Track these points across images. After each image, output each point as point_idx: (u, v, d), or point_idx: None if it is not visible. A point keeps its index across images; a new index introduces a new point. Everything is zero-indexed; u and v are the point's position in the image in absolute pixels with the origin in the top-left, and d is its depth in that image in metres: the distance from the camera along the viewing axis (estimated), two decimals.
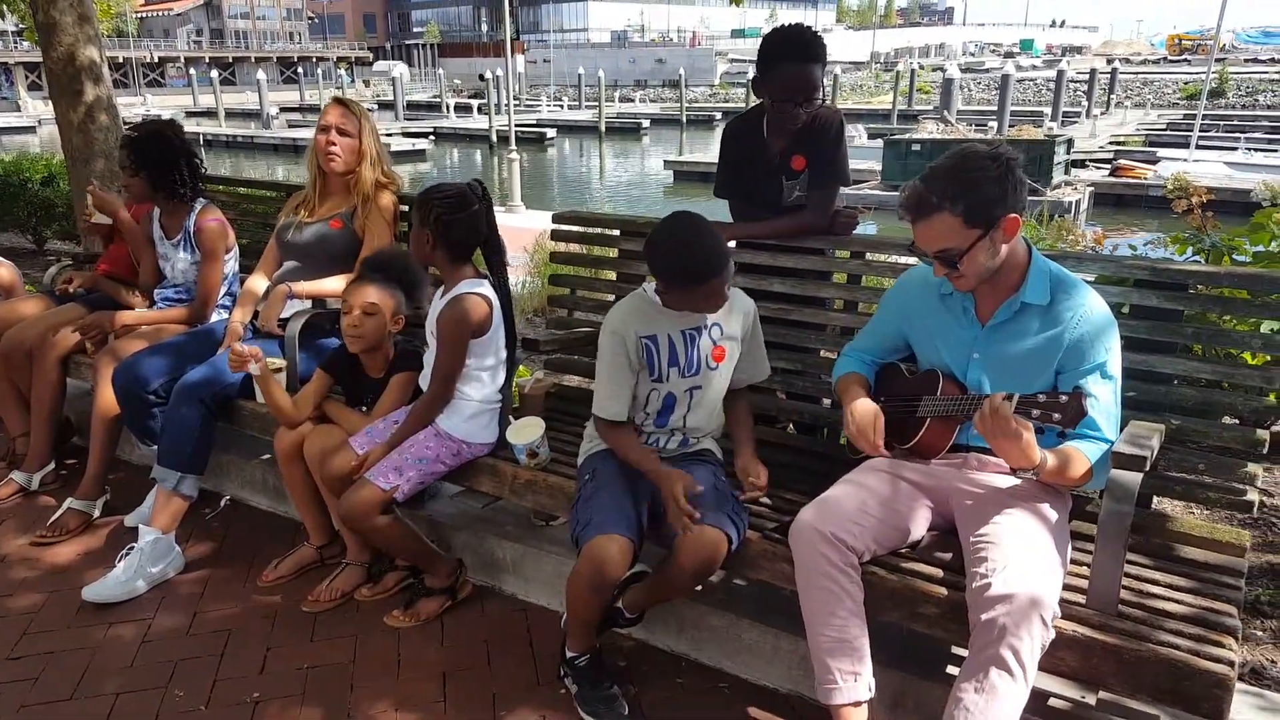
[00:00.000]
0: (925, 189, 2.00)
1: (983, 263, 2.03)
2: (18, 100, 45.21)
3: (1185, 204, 4.72)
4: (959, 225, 1.98)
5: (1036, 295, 2.08)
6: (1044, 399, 1.86)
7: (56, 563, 3.12)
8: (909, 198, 2.04)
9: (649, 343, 2.34)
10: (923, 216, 2.02)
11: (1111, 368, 2.05)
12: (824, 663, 1.99)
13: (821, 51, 2.77)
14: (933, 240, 2.03)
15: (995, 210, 1.98)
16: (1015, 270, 2.10)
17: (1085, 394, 1.85)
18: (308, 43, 74.98)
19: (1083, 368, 2.04)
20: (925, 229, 2.03)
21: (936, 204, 1.99)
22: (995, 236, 2.01)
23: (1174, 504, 2.94)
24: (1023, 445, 1.89)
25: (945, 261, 2.04)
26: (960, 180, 1.97)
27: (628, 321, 2.33)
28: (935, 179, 2.00)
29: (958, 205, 1.97)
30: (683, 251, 2.20)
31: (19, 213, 7.64)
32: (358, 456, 2.65)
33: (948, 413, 2.12)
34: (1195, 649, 1.80)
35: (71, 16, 5.24)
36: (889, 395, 2.31)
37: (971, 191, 1.96)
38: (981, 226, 1.98)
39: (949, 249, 2.01)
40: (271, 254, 3.48)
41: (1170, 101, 41.67)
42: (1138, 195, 18.60)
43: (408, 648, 2.64)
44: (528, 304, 5.88)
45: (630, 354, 2.33)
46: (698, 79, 57.19)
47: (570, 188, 27.96)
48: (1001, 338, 2.12)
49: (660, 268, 2.26)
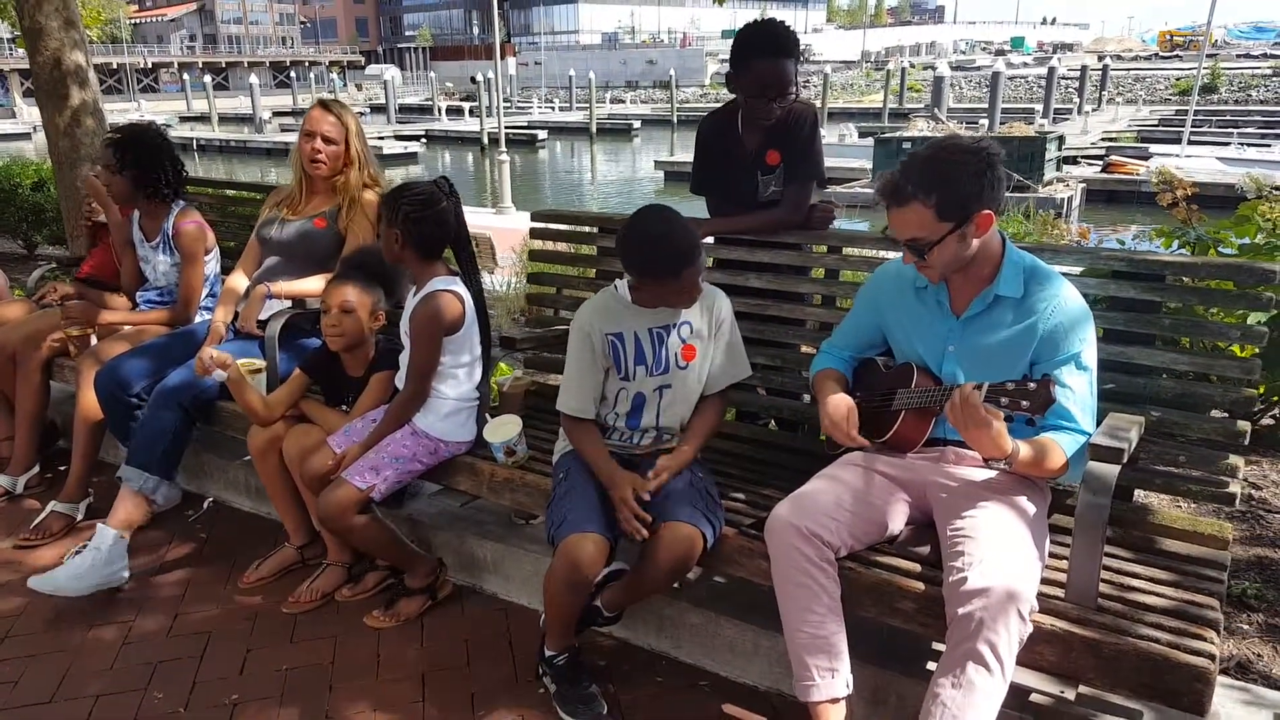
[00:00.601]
0: (901, 177, 1.99)
1: (951, 256, 2.02)
2: (13, 107, 45.09)
3: (1170, 197, 4.72)
4: (931, 217, 1.97)
5: (1010, 288, 2.07)
6: (1012, 387, 1.86)
7: (39, 565, 3.09)
8: (885, 184, 2.03)
9: (615, 340, 2.33)
10: (896, 204, 2.01)
11: (1086, 359, 2.04)
12: (801, 659, 1.98)
13: (794, 46, 2.76)
14: (904, 228, 2.02)
15: (970, 205, 1.97)
16: (989, 262, 2.09)
17: (1054, 381, 1.85)
18: (300, 47, 74.86)
19: (1056, 358, 2.03)
20: (898, 216, 2.02)
21: (911, 193, 1.98)
22: (967, 231, 2.00)
23: (1159, 497, 2.94)
24: (993, 434, 1.88)
25: (914, 251, 2.03)
26: (937, 172, 1.96)
27: (594, 319, 2.33)
28: (912, 168, 1.99)
29: (931, 197, 1.96)
30: (653, 244, 2.20)
31: (9, 218, 7.62)
32: (335, 455, 2.63)
33: (921, 404, 2.11)
34: (1175, 642, 1.78)
35: (57, 21, 5.22)
36: (865, 390, 2.30)
37: (947, 184, 1.95)
38: (954, 220, 1.98)
39: (919, 239, 2.00)
40: (253, 251, 3.46)
41: (1162, 97, 41.73)
42: (1130, 191, 18.60)
43: (387, 648, 2.63)
44: (515, 304, 5.86)
45: (596, 351, 2.32)
46: (688, 79, 57.18)
47: (562, 189, 27.96)
48: (976, 330, 2.11)
49: (631, 262, 2.26)
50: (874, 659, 2.20)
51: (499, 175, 16.39)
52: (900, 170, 2.01)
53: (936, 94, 29.29)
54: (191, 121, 45.59)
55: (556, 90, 57.15)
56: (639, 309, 2.34)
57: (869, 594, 2.02)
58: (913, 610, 1.97)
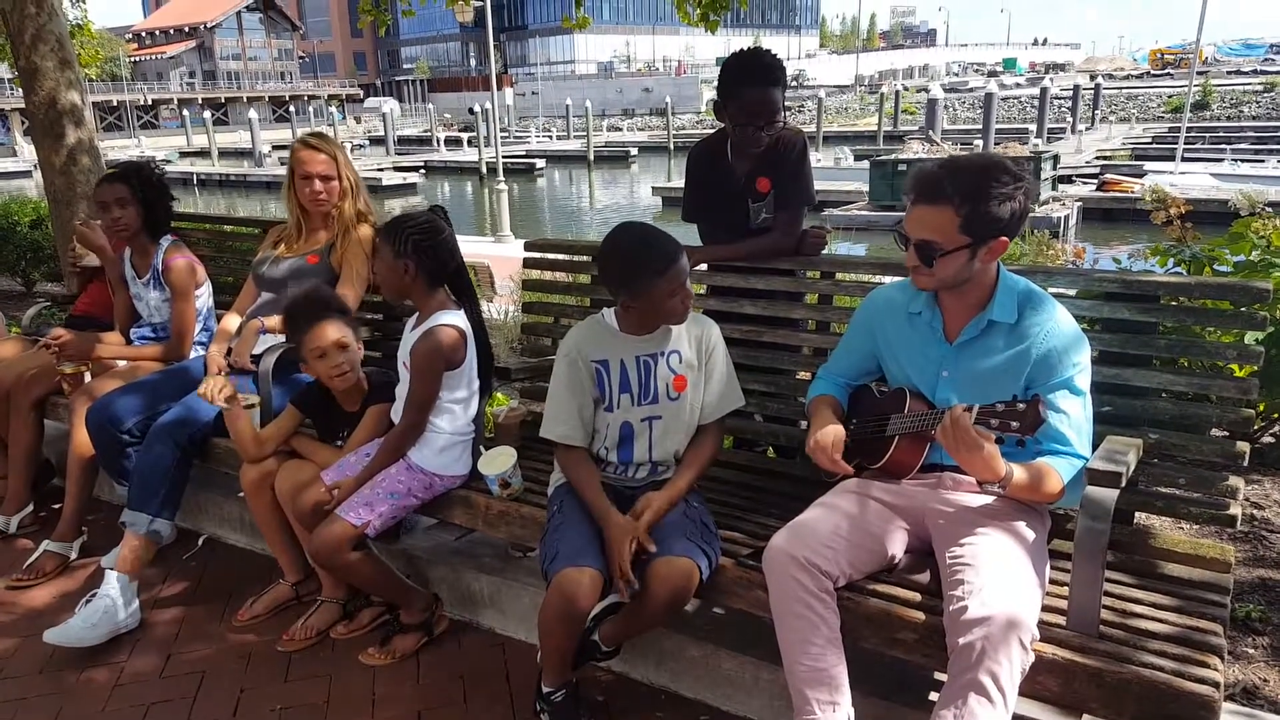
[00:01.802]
0: (942, 175, 1.97)
1: (955, 272, 2.01)
2: (14, 145, 45.40)
3: (1165, 215, 4.72)
4: (955, 225, 1.96)
5: (1004, 313, 2.06)
6: (1002, 408, 1.84)
7: (32, 606, 3.07)
8: (923, 176, 2.00)
9: (600, 368, 2.33)
10: (926, 200, 1.99)
11: (1080, 382, 2.02)
12: (801, 693, 1.95)
13: (781, 74, 2.77)
14: (923, 228, 1.99)
15: (993, 229, 1.96)
16: (983, 287, 2.08)
17: (1044, 402, 1.83)
18: (299, 81, 75.43)
19: (1051, 382, 2.01)
20: (923, 213, 1.99)
21: (947, 195, 1.95)
22: (980, 252, 1.99)
23: (1160, 520, 2.90)
24: (985, 456, 1.86)
25: (922, 254, 2.00)
26: (980, 186, 1.94)
27: (581, 345, 2.33)
28: (956, 172, 1.96)
29: (965, 206, 1.94)
30: (631, 250, 2.22)
31: (8, 255, 7.64)
32: (328, 489, 2.61)
33: (915, 429, 2.09)
34: (1179, 670, 1.75)
35: (53, 61, 5.25)
36: (860, 416, 2.28)
37: (984, 201, 1.93)
38: (974, 237, 1.97)
39: (934, 243, 1.98)
40: (249, 291, 3.47)
41: (1155, 115, 42.05)
42: (1125, 209, 18.68)
43: (383, 685, 2.59)
44: (512, 332, 5.86)
45: (582, 376, 2.31)
46: (684, 106, 57.66)
47: (561, 217, 28.09)
48: (969, 355, 2.10)
49: (613, 274, 2.26)
50: (876, 690, 2.17)
51: (497, 204, 16.50)
52: (942, 167, 1.99)
53: (930, 116, 29.49)
54: (191, 156, 45.91)
55: (554, 119, 57.56)
56: (626, 337, 2.33)
57: (869, 624, 1.99)
58: (914, 641, 1.94)
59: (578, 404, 2.33)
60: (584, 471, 2.33)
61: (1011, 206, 1.95)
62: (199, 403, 3.12)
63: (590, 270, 3.25)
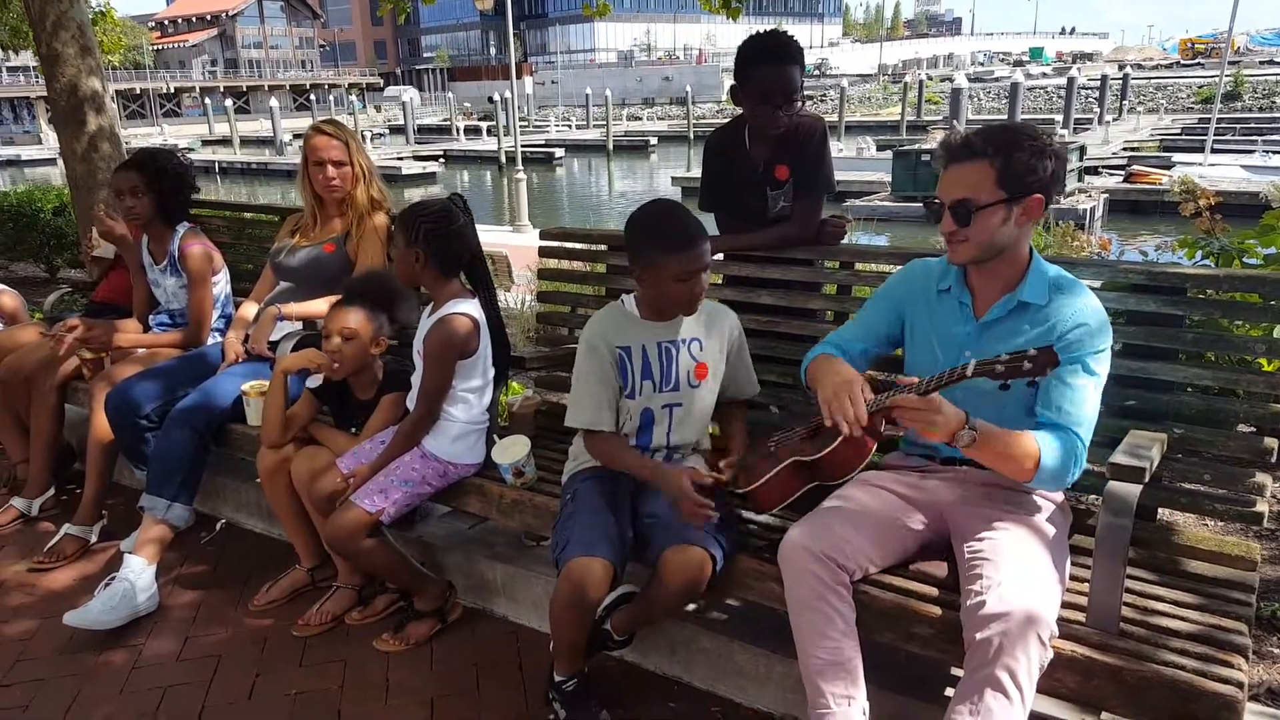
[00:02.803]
0: (974, 135, 1.98)
1: (992, 233, 1.97)
2: (39, 133, 45.89)
3: (1193, 207, 4.64)
4: (991, 179, 1.94)
5: (1035, 294, 2.03)
6: (1007, 356, 1.77)
7: (52, 588, 3.11)
8: (952, 139, 2.01)
9: (623, 354, 2.31)
10: (959, 159, 1.98)
11: (1095, 366, 1.98)
12: (816, 685, 1.93)
13: (798, 54, 2.72)
14: (958, 186, 1.97)
15: (1028, 180, 1.94)
16: (1016, 267, 2.05)
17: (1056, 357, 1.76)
18: (319, 70, 75.79)
19: (1066, 358, 1.96)
20: (956, 173, 1.98)
21: (980, 149, 1.95)
22: (1016, 210, 1.97)
23: (1184, 517, 2.86)
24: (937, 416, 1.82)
25: (959, 214, 1.97)
26: (1010, 139, 1.94)
27: (604, 331, 2.32)
28: (984, 130, 1.99)
29: (998, 159, 1.93)
30: (653, 221, 2.23)
31: (32, 242, 7.71)
32: (343, 477, 2.61)
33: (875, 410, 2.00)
34: (1202, 669, 1.72)
35: (74, 48, 5.28)
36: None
37: (1017, 152, 1.93)
38: (1009, 192, 1.94)
39: (970, 200, 1.95)
40: (267, 279, 3.48)
41: (1184, 106, 41.46)
42: (1153, 201, 18.43)
43: (396, 672, 2.60)
44: (530, 322, 5.85)
45: (606, 363, 2.30)
46: (705, 95, 57.41)
47: (579, 206, 28.06)
48: (995, 335, 2.07)
49: (631, 241, 2.26)
50: (892, 685, 2.14)
51: (516, 194, 16.48)
52: (970, 130, 2.00)
53: (955, 106, 29.18)
54: (213, 144, 46.22)
55: (573, 108, 57.51)
56: (646, 323, 2.31)
57: (885, 619, 1.96)
58: (930, 635, 1.92)
59: (603, 390, 2.31)
60: (619, 447, 2.32)
61: (1045, 162, 1.94)
62: (217, 388, 3.15)
63: (607, 259, 3.23)
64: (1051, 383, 1.96)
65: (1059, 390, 1.95)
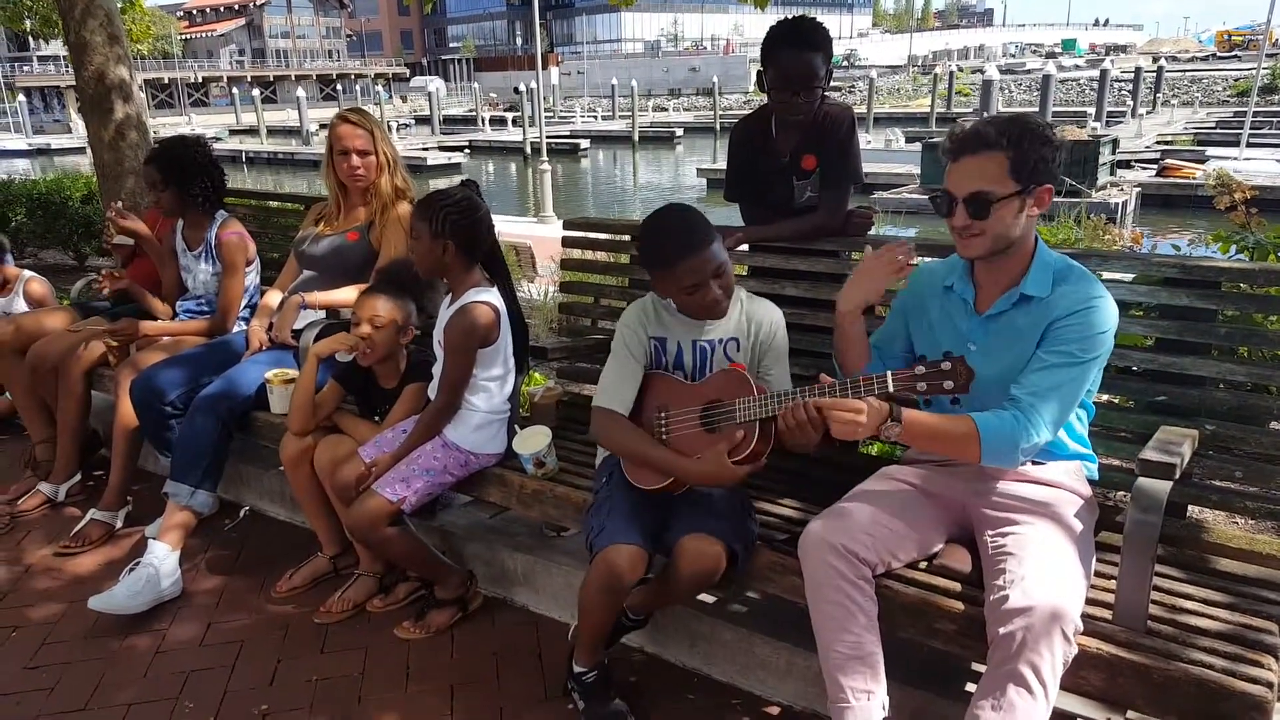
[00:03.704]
0: (984, 125, 1.95)
1: (1006, 225, 1.94)
2: (69, 122, 46.45)
3: (1228, 201, 4.56)
4: (1004, 170, 1.91)
5: (1037, 287, 2.00)
6: (923, 370, 1.79)
7: (78, 573, 3.14)
8: (961, 132, 1.97)
9: (657, 344, 2.30)
10: (971, 151, 1.94)
11: (1079, 351, 1.92)
12: (836, 680, 1.91)
13: (822, 41, 2.68)
14: (972, 179, 1.94)
15: (1039, 170, 1.92)
16: (1021, 260, 2.03)
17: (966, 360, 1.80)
18: (346, 60, 76.18)
19: (1051, 346, 1.94)
20: (970, 165, 1.95)
21: (993, 139, 1.92)
22: (1028, 201, 1.94)
23: (1214, 514, 2.81)
24: (855, 416, 1.83)
25: (975, 207, 1.94)
26: (1020, 129, 1.92)
27: (643, 318, 2.31)
28: (994, 120, 1.96)
29: (1011, 149, 1.91)
30: (651, 236, 2.20)
31: (60, 230, 7.79)
32: (366, 465, 2.62)
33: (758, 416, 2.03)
34: (1230, 669, 1.69)
35: (102, 36, 5.31)
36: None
37: (1027, 144, 1.91)
38: (1022, 182, 1.92)
39: (986, 193, 1.92)
40: (291, 268, 3.49)
41: (1220, 99, 40.75)
42: (1186, 195, 18.14)
43: (417, 660, 2.61)
44: (553, 313, 5.85)
45: (640, 350, 2.28)
46: (732, 86, 57.12)
47: (604, 198, 28.00)
48: (997, 328, 2.05)
49: (643, 254, 2.27)
50: (913, 680, 2.13)
51: (540, 185, 16.48)
52: (978, 122, 1.97)
53: (985, 98, 28.85)
54: (241, 134, 46.52)
55: (599, 99, 57.39)
56: (683, 319, 2.28)
57: (907, 614, 1.94)
58: (953, 631, 1.90)
59: (632, 378, 2.27)
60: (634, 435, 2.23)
61: (1051, 151, 1.92)
62: (240, 376, 3.17)
63: (630, 250, 3.21)
64: (1032, 359, 1.95)
65: (1034, 366, 1.94)
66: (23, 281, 4.38)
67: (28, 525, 3.48)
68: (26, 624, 2.84)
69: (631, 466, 2.23)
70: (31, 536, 3.39)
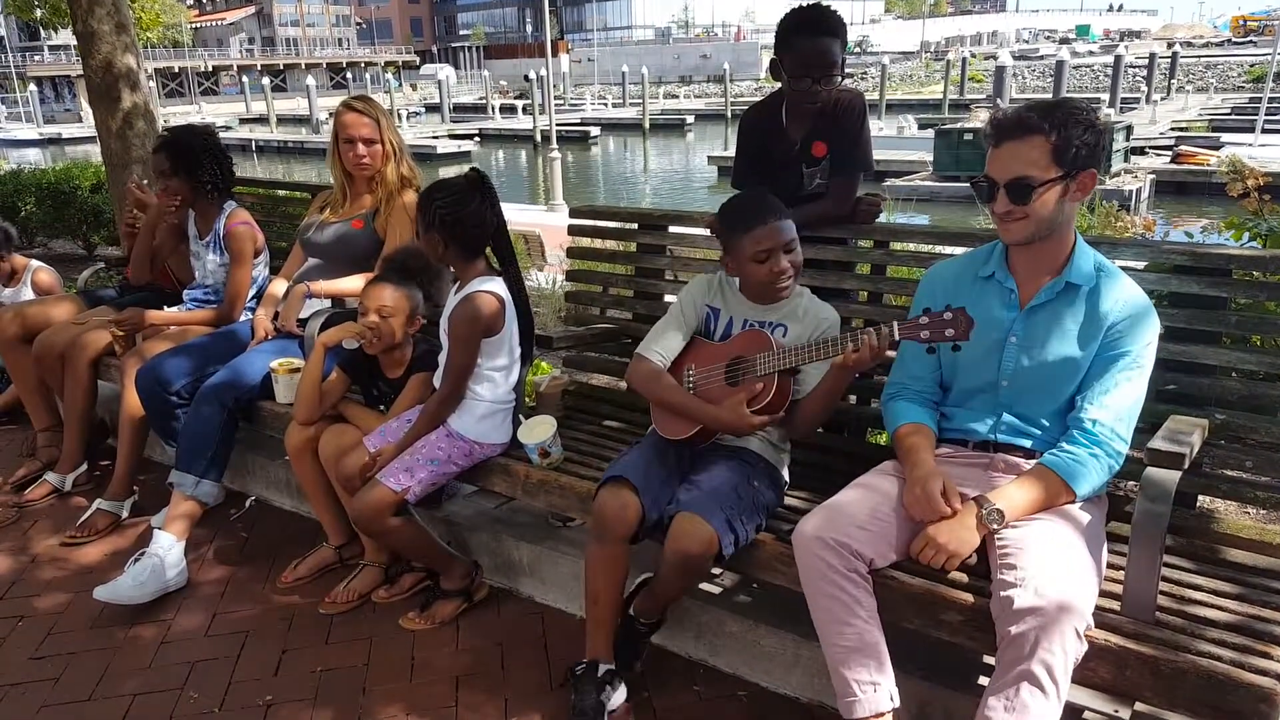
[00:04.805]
0: (1025, 110, 1.93)
1: (1050, 211, 1.92)
2: (79, 111, 46.58)
3: (1241, 187, 4.50)
4: (1047, 154, 1.89)
5: (1082, 276, 1.98)
6: (927, 320, 1.90)
7: (84, 563, 3.15)
8: (1005, 116, 1.96)
9: (710, 311, 2.42)
10: (1014, 136, 1.92)
11: (1144, 357, 1.94)
12: (840, 674, 1.89)
13: (839, 27, 2.65)
14: (1015, 165, 1.92)
15: (1082, 157, 1.90)
16: (1062, 250, 2.00)
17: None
18: (356, 48, 76.07)
19: (1115, 353, 1.94)
20: (1012, 149, 1.92)
21: (1036, 124, 1.89)
22: (1071, 186, 1.92)
23: (1224, 504, 2.78)
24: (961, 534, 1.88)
25: (1017, 193, 1.91)
26: (1063, 113, 1.90)
27: (706, 288, 2.44)
28: (1038, 105, 1.94)
29: (1054, 134, 1.89)
30: (732, 205, 2.34)
31: (70, 219, 7.81)
32: (370, 455, 2.61)
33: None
34: (1239, 660, 1.67)
35: (109, 25, 5.31)
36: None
37: (1072, 125, 1.89)
38: (1065, 168, 1.90)
39: (1029, 178, 1.90)
40: (296, 257, 3.49)
41: (1235, 85, 40.41)
42: (1200, 182, 18.02)
43: (422, 650, 2.60)
44: (561, 302, 5.84)
45: (692, 311, 2.43)
46: (743, 73, 56.87)
47: (614, 185, 27.96)
48: (1040, 319, 2.01)
49: (723, 223, 2.34)
50: (919, 672, 2.11)
51: (550, 172, 16.45)
52: (1022, 107, 1.95)
53: (998, 84, 28.68)
54: (251, 123, 46.62)
55: (609, 86, 57.23)
56: (744, 299, 2.38)
57: (912, 605, 1.92)
58: (959, 623, 1.88)
59: (677, 337, 2.41)
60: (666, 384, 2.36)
61: (1095, 135, 1.90)
62: (246, 366, 3.16)
63: (636, 238, 3.19)
64: (1097, 370, 1.94)
65: (1106, 384, 1.92)
66: (30, 271, 4.39)
67: (34, 515, 3.50)
68: (32, 614, 2.85)
69: (659, 415, 2.38)
70: (37, 527, 3.41)
